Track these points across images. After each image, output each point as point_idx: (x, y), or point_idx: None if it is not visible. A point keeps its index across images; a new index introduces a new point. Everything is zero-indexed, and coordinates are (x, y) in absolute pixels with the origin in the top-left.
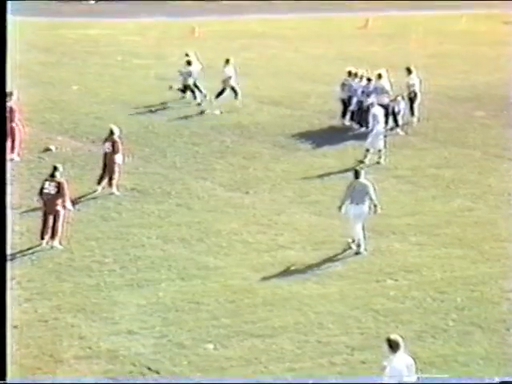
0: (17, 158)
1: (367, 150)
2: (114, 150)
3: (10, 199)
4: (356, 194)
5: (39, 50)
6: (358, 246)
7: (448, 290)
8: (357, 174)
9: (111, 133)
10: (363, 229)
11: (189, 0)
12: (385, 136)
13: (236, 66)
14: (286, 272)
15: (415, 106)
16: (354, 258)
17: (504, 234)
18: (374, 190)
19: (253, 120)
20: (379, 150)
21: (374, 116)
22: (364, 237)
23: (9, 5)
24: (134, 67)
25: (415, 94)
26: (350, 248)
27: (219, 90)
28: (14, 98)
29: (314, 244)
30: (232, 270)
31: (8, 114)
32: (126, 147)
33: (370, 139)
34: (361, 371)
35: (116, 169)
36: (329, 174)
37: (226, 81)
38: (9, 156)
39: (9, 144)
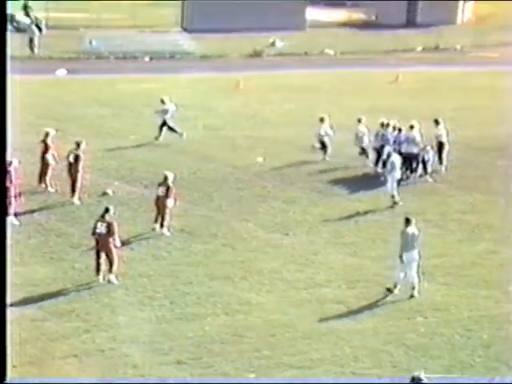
0: (77, 202)
1: (392, 196)
2: (167, 195)
3: (70, 239)
4: (408, 241)
5: (100, 104)
6: (413, 288)
7: (474, 327)
8: (408, 223)
9: (165, 179)
10: (417, 272)
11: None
12: (400, 180)
13: (277, 116)
14: (323, 308)
15: (443, 155)
16: (386, 296)
17: None
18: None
19: (292, 166)
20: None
21: (393, 163)
22: (419, 280)
23: (74, 65)
24: (185, 118)
25: (442, 144)
26: (391, 293)
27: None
28: (83, 147)
29: (349, 282)
30: (272, 306)
31: (73, 161)
32: (176, 191)
33: (389, 185)
34: None
35: (167, 211)
36: (362, 218)
37: (359, 139)
38: (70, 199)
39: (71, 188)
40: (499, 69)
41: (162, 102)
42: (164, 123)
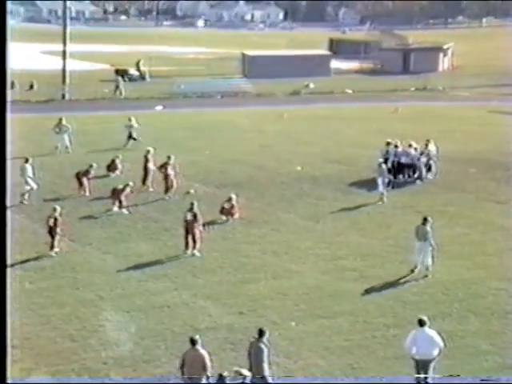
0: (167, 198)
1: (382, 194)
2: (231, 209)
3: (164, 225)
4: (421, 234)
5: (185, 129)
6: (427, 269)
7: (452, 287)
8: (425, 221)
9: (230, 199)
10: (432, 257)
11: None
12: (389, 182)
13: (311, 137)
14: (343, 274)
15: (432, 164)
16: (388, 264)
17: (490, 251)
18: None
19: (321, 173)
20: (382, 193)
21: (383, 169)
22: (432, 261)
23: (168, 102)
24: (244, 138)
25: (430, 157)
26: (412, 272)
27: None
28: (172, 160)
29: (362, 256)
30: (307, 273)
31: (164, 169)
32: (240, 192)
33: (380, 187)
34: (393, 341)
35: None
36: (372, 210)
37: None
38: (163, 196)
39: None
40: (469, 104)
41: (129, 119)
42: (130, 135)
